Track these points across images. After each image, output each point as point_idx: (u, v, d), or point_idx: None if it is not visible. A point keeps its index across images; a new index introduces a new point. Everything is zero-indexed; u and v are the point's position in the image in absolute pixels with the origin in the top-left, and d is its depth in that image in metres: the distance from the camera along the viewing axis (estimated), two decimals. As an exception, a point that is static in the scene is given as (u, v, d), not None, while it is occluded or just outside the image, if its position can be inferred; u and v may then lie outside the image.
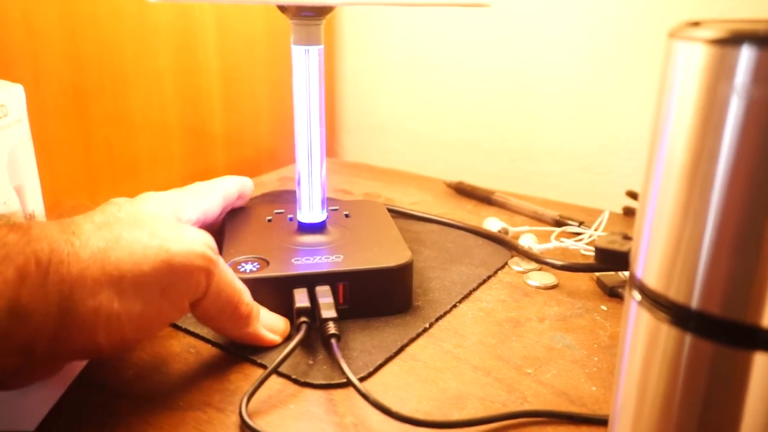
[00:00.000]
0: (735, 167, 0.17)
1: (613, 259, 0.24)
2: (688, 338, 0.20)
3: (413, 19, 0.77)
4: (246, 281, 0.37)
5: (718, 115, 0.17)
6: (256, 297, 0.37)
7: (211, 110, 0.68)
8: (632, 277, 0.22)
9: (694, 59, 0.18)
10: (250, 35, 0.70)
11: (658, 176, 0.20)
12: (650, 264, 0.20)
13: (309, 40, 0.40)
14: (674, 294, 0.20)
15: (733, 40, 0.17)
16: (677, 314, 0.20)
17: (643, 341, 0.21)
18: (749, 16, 0.57)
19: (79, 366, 0.34)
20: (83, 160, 0.56)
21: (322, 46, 0.40)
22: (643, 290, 0.21)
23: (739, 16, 0.57)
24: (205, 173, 0.67)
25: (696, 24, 0.18)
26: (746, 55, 0.17)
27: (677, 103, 0.19)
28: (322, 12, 0.39)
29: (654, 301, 0.21)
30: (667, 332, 0.20)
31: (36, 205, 0.43)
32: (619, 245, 0.25)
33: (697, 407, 0.20)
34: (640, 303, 0.21)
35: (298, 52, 0.40)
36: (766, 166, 0.17)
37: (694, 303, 0.19)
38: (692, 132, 0.18)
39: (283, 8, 0.39)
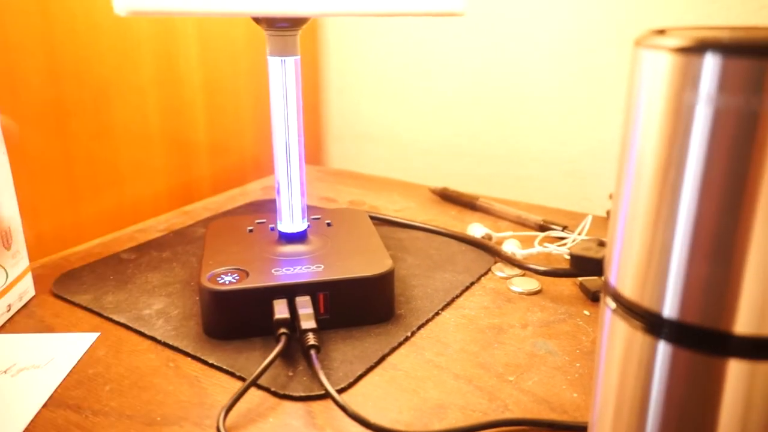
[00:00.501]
0: (703, 175, 0.17)
1: (587, 265, 0.24)
2: (662, 346, 0.19)
3: (397, 27, 0.77)
4: (224, 293, 0.37)
5: (685, 123, 0.17)
6: (235, 309, 0.36)
7: (195, 121, 0.67)
8: (606, 284, 0.22)
9: (660, 68, 0.18)
10: (232, 46, 0.70)
11: (628, 185, 0.20)
12: (623, 272, 0.20)
13: (285, 51, 0.39)
14: (647, 302, 0.20)
15: (697, 48, 0.17)
16: (651, 322, 0.20)
17: (618, 349, 0.21)
18: (739, 17, 0.57)
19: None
20: (65, 174, 0.56)
21: (298, 57, 0.40)
22: (617, 298, 0.21)
23: (729, 17, 0.57)
24: (190, 183, 0.66)
25: (661, 32, 0.18)
26: (710, 63, 0.17)
27: (644, 112, 0.19)
28: (297, 23, 0.39)
29: (628, 309, 0.21)
30: (641, 340, 0.20)
31: (13, 222, 0.43)
32: (594, 252, 0.25)
33: (673, 414, 0.20)
34: (614, 311, 0.21)
35: (274, 62, 0.40)
36: (733, 174, 0.17)
37: (667, 311, 0.19)
38: (660, 140, 0.18)
39: (257, 20, 0.39)
